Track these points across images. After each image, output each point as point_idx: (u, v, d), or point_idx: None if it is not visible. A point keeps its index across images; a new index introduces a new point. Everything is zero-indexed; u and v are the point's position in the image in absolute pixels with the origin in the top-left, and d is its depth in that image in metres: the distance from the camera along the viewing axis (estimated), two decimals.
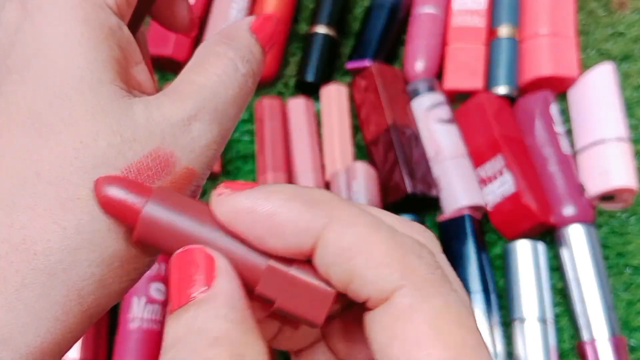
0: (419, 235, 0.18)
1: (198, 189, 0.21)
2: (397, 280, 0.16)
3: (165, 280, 0.50)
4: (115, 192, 0.18)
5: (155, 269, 0.50)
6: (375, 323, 0.16)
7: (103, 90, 0.19)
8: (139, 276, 0.20)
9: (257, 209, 0.17)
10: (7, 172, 0.18)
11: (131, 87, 0.20)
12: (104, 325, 0.49)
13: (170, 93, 0.20)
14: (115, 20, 0.20)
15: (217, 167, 0.56)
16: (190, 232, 0.18)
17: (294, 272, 0.17)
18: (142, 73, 0.21)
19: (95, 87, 0.19)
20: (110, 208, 0.18)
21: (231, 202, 0.17)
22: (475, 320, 0.16)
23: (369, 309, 0.17)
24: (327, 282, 0.17)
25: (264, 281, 0.17)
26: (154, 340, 0.48)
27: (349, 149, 0.57)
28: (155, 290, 0.49)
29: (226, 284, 0.16)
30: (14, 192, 0.18)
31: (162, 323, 0.49)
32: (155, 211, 0.18)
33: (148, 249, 0.20)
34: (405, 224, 0.18)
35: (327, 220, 0.17)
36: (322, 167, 0.57)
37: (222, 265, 0.17)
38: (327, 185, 0.56)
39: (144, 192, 0.18)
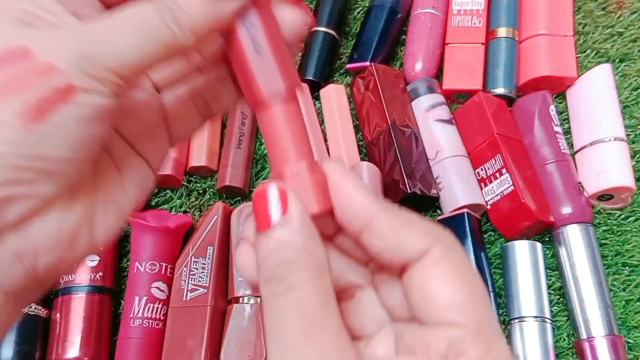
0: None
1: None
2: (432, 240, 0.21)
3: (165, 279, 0.50)
4: None
5: (156, 269, 0.50)
6: (416, 274, 0.21)
7: None
8: None
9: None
10: None
11: None
12: (105, 324, 0.49)
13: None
14: None
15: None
16: None
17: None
18: None
19: None
20: None
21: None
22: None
23: (405, 271, 0.22)
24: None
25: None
26: (156, 338, 0.48)
27: (354, 148, 0.57)
28: (156, 289, 0.49)
29: (297, 208, 0.21)
30: None
31: (163, 321, 0.49)
32: None
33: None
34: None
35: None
36: None
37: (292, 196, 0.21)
38: None
39: None
